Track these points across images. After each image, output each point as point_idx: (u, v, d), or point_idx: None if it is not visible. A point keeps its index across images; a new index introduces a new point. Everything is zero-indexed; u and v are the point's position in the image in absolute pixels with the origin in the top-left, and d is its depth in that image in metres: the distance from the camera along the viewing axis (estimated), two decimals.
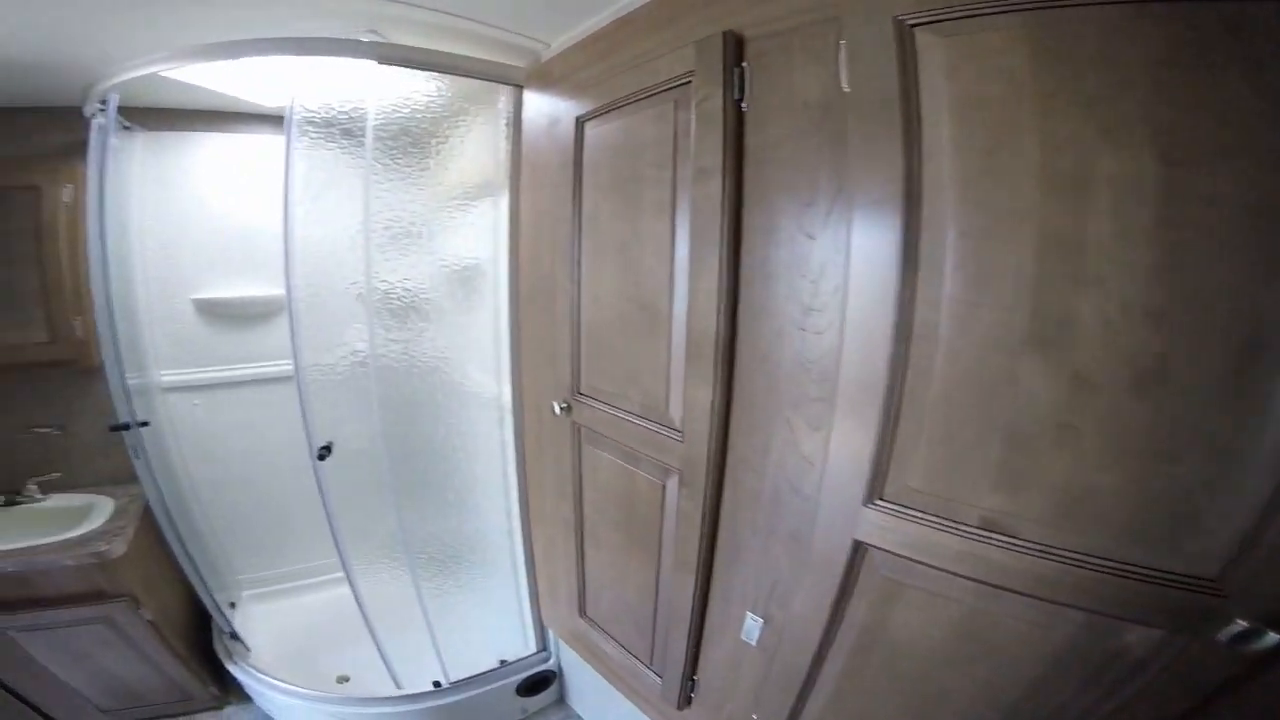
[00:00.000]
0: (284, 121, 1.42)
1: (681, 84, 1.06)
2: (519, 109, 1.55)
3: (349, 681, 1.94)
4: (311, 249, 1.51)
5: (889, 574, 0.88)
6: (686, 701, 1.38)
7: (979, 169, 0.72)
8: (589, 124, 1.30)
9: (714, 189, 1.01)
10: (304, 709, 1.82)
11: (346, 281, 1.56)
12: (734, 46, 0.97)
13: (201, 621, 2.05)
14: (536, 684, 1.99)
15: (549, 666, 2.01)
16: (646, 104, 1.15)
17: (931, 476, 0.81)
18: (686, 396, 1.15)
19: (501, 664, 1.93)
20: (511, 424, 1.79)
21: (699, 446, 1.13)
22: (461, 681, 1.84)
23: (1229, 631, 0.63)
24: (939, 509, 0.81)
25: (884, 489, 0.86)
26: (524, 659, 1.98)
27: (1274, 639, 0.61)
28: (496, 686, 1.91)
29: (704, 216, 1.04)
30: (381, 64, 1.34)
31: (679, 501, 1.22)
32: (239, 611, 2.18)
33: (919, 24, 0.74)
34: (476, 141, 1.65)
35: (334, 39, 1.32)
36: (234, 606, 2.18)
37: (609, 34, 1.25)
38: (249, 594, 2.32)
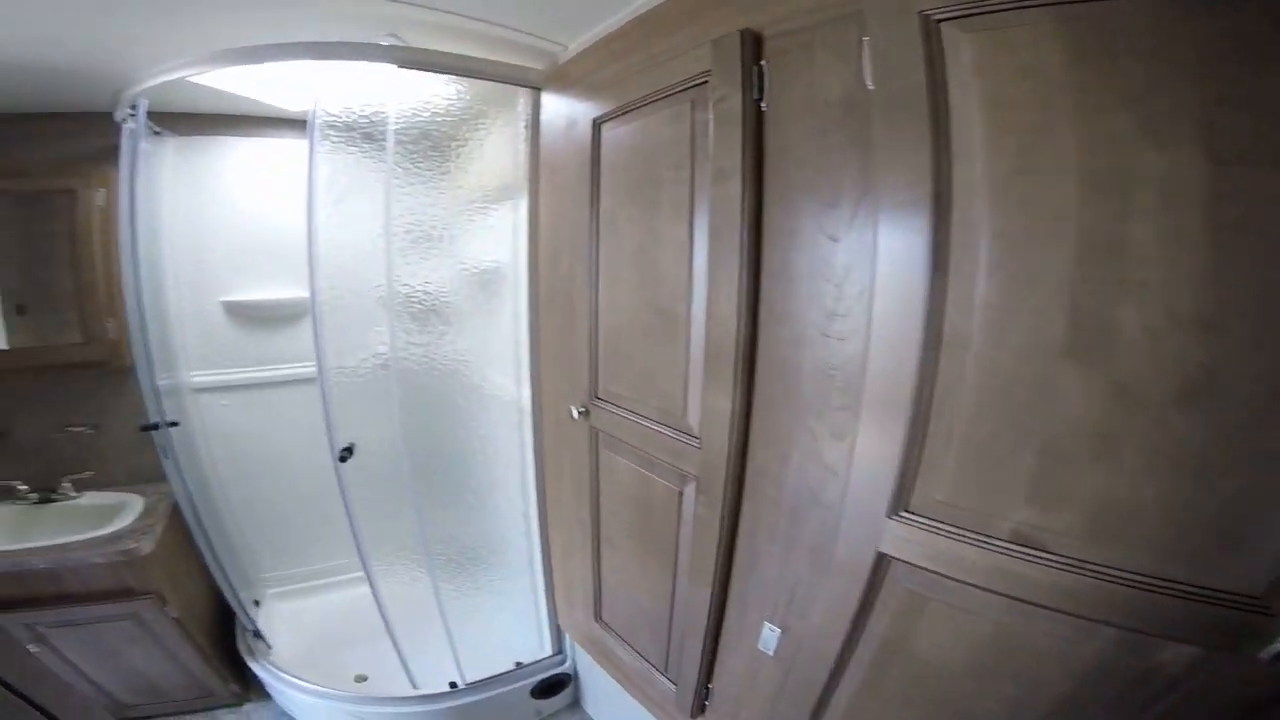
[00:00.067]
0: (307, 126, 1.43)
1: (698, 84, 1.04)
2: (537, 111, 1.55)
3: (367, 681, 1.96)
4: (335, 253, 1.52)
5: (912, 587, 0.86)
6: (700, 709, 1.36)
7: (1013, 168, 0.69)
8: (605, 126, 1.29)
9: (733, 191, 0.99)
10: (322, 707, 1.84)
11: (369, 285, 1.57)
12: (752, 45, 0.95)
13: (225, 619, 2.09)
14: (552, 686, 1.99)
15: (564, 669, 2.00)
16: (663, 105, 1.13)
17: (960, 489, 0.78)
18: (705, 403, 1.13)
19: (517, 666, 1.93)
20: (530, 427, 1.78)
21: (717, 454, 1.11)
22: (477, 683, 1.85)
23: (1272, 650, 0.60)
24: (967, 522, 0.78)
25: (909, 501, 0.84)
26: (540, 661, 1.97)
27: None
28: (512, 688, 1.91)
29: (723, 219, 1.02)
30: (401, 68, 1.34)
31: (696, 509, 1.20)
32: (262, 609, 2.22)
33: (945, 19, 0.71)
34: (496, 144, 1.65)
35: (354, 43, 1.33)
36: (258, 604, 2.21)
37: (625, 34, 1.24)
38: (273, 592, 2.35)
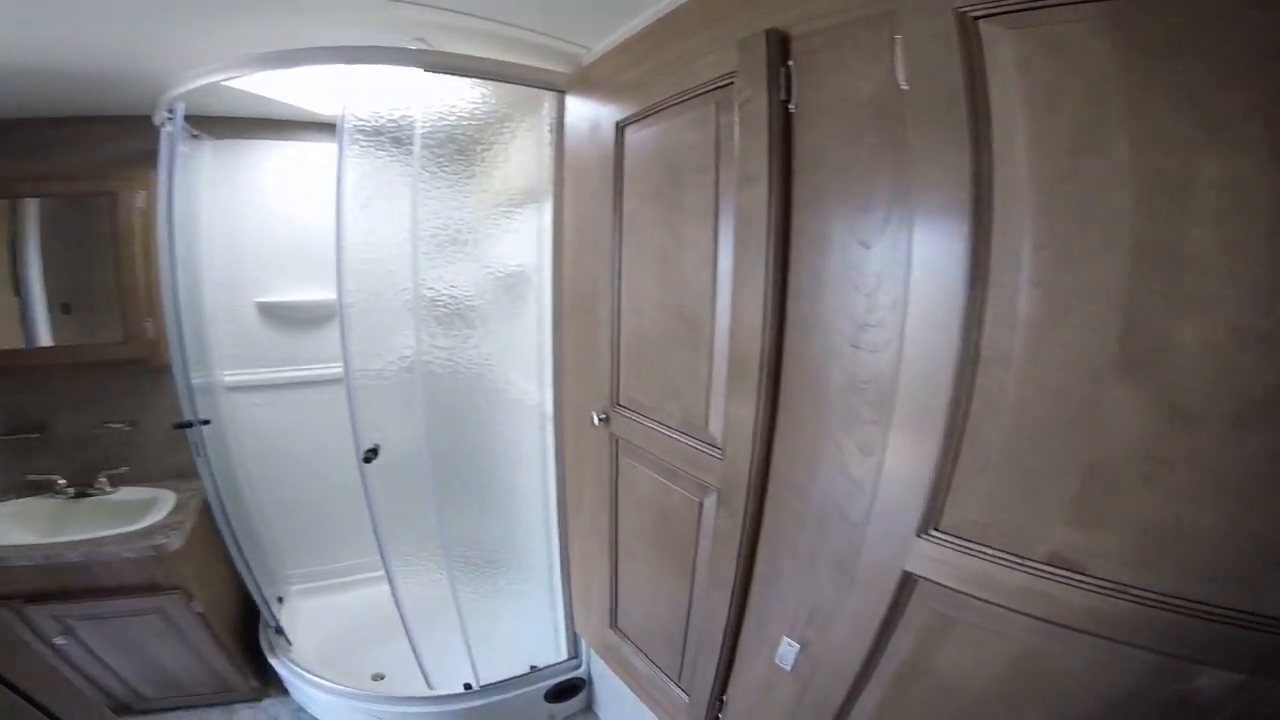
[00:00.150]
0: (336, 130, 1.45)
1: (723, 85, 1.02)
2: (561, 114, 1.54)
3: (384, 680, 1.97)
4: (362, 256, 1.54)
5: (939, 607, 0.82)
6: None
7: (1059, 172, 0.65)
8: (629, 128, 1.28)
9: (759, 195, 0.96)
10: (339, 705, 1.86)
11: (396, 288, 1.58)
12: (778, 45, 0.92)
13: (247, 615, 2.13)
14: (565, 691, 1.98)
15: (579, 674, 2.00)
16: (686, 107, 1.11)
17: (995, 509, 0.75)
18: (728, 413, 1.10)
19: (532, 669, 1.93)
20: (552, 432, 1.78)
21: (739, 465, 1.08)
22: (492, 685, 1.85)
23: None
24: (1001, 542, 0.75)
25: (940, 520, 0.80)
26: (554, 665, 1.97)
27: None
28: (526, 691, 1.91)
29: (749, 224, 0.99)
30: (428, 71, 1.35)
31: (716, 520, 1.17)
32: (285, 606, 2.25)
33: (983, 15, 0.68)
34: (521, 148, 1.65)
35: (382, 47, 1.34)
36: (281, 601, 2.25)
37: (648, 36, 1.23)
38: (296, 589, 2.39)
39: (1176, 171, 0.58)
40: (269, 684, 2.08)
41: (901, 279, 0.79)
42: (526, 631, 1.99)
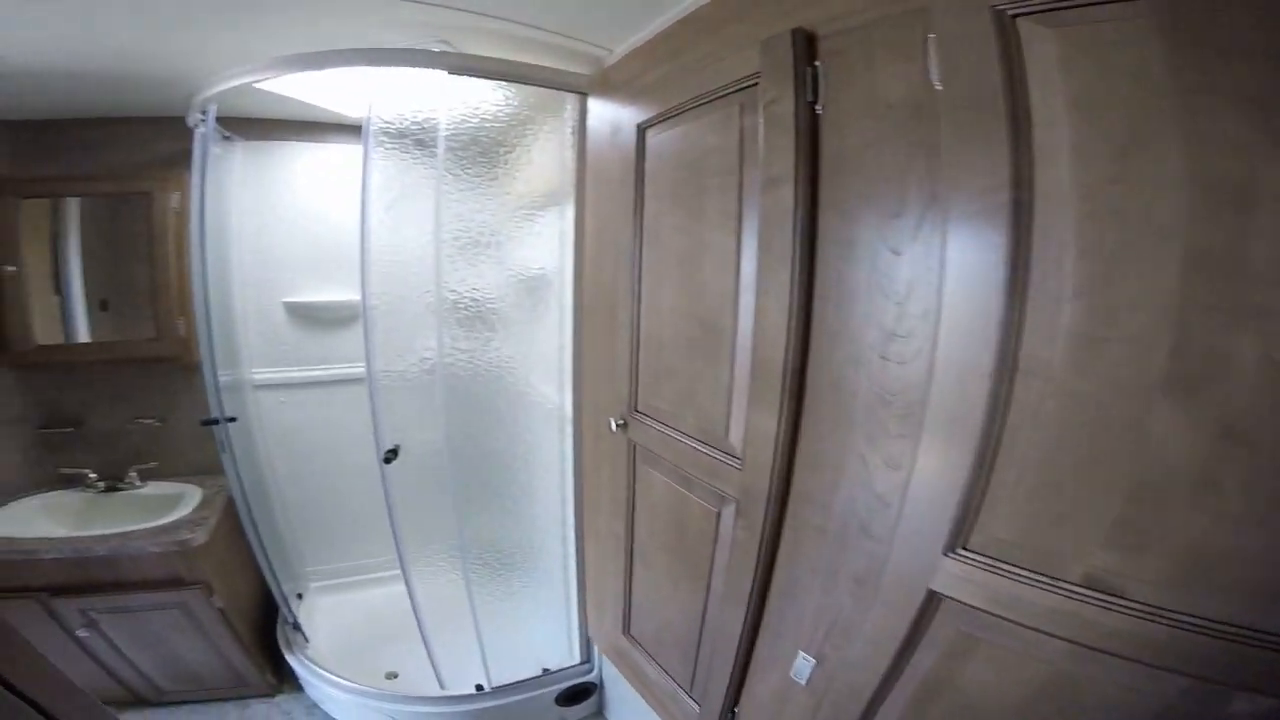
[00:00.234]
0: (361, 132, 1.46)
1: (747, 86, 1.00)
2: (583, 117, 1.53)
3: (397, 678, 1.98)
4: (387, 258, 1.55)
5: (964, 627, 0.80)
6: None
7: (1107, 176, 0.61)
8: (650, 131, 1.27)
9: (785, 199, 0.93)
10: (352, 703, 1.87)
11: (418, 290, 1.59)
12: (804, 45, 0.90)
13: (266, 611, 2.15)
14: (577, 694, 1.97)
15: (590, 678, 1.98)
16: (709, 108, 1.10)
17: (1028, 528, 0.72)
18: (749, 423, 1.07)
19: (544, 672, 1.92)
20: (571, 436, 1.77)
21: (759, 477, 1.05)
22: (504, 687, 1.84)
23: None
24: (1033, 563, 0.72)
25: (969, 538, 0.77)
26: (566, 669, 1.95)
27: None
28: (537, 694, 1.90)
29: (773, 229, 0.97)
30: (451, 74, 1.36)
31: (734, 531, 1.15)
32: (304, 602, 2.28)
33: (1021, 14, 0.65)
34: (543, 150, 1.65)
35: (407, 49, 1.35)
36: (301, 598, 2.27)
37: (669, 37, 1.21)
38: (316, 586, 2.41)
39: (1234, 177, 0.54)
40: (284, 680, 2.09)
41: (934, 287, 0.76)
42: (539, 634, 1.98)
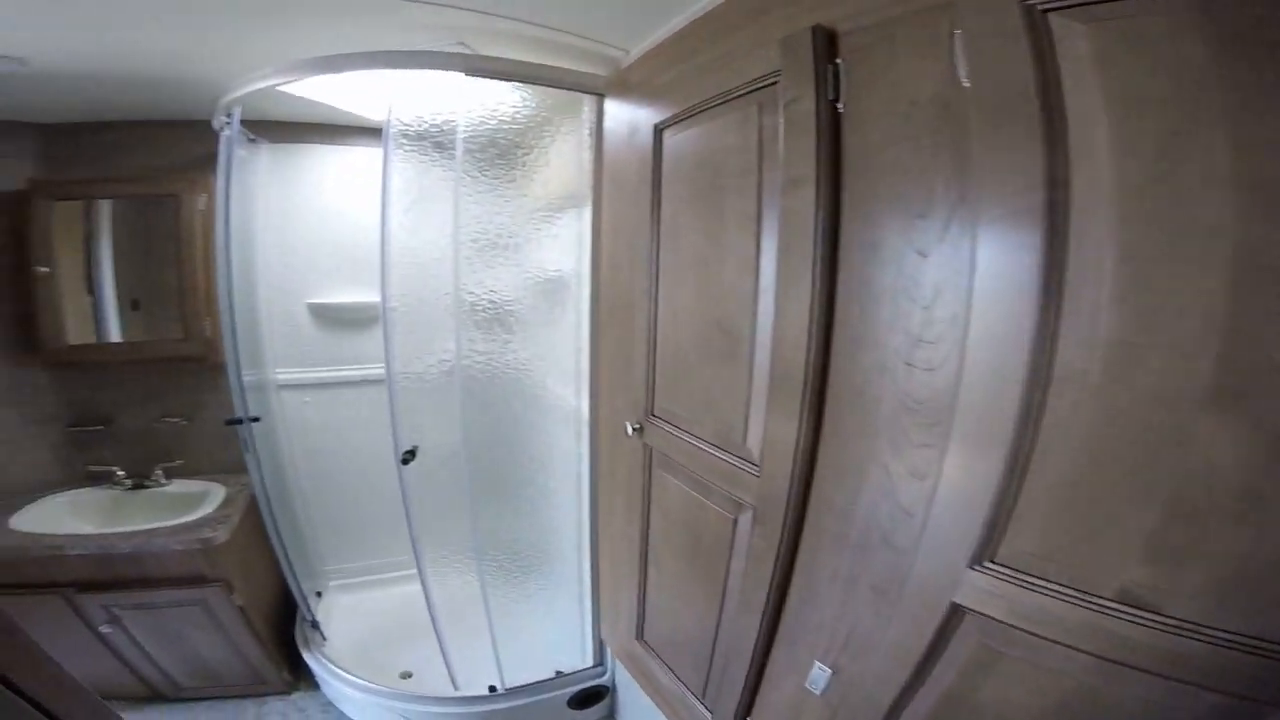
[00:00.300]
0: (381, 134, 1.47)
1: (766, 85, 0.98)
2: (601, 118, 1.52)
3: (411, 677, 1.99)
4: (406, 260, 1.56)
5: (988, 641, 0.77)
6: None
7: (1149, 175, 0.58)
8: (667, 131, 1.25)
9: (806, 200, 0.91)
10: (367, 702, 1.88)
11: (437, 292, 1.59)
12: (825, 42, 0.88)
13: (284, 609, 2.17)
14: (589, 698, 1.96)
15: (603, 682, 1.97)
16: (727, 108, 1.08)
17: (1059, 541, 0.69)
18: (767, 430, 1.05)
19: (557, 674, 1.92)
20: (587, 439, 1.76)
21: (778, 484, 1.03)
22: (517, 688, 1.84)
23: None
24: (1064, 577, 0.69)
25: (996, 551, 0.74)
26: (579, 672, 1.95)
27: None
28: (550, 696, 1.89)
29: (794, 231, 0.94)
30: (469, 75, 1.36)
31: (751, 539, 1.13)
32: (322, 601, 2.30)
33: (1052, 9, 0.62)
34: (561, 152, 1.64)
35: (425, 52, 1.35)
36: (320, 596, 2.30)
37: (686, 36, 1.20)
38: (334, 584, 2.44)
39: None
40: (301, 678, 2.11)
41: (963, 291, 0.73)
42: (553, 636, 1.97)
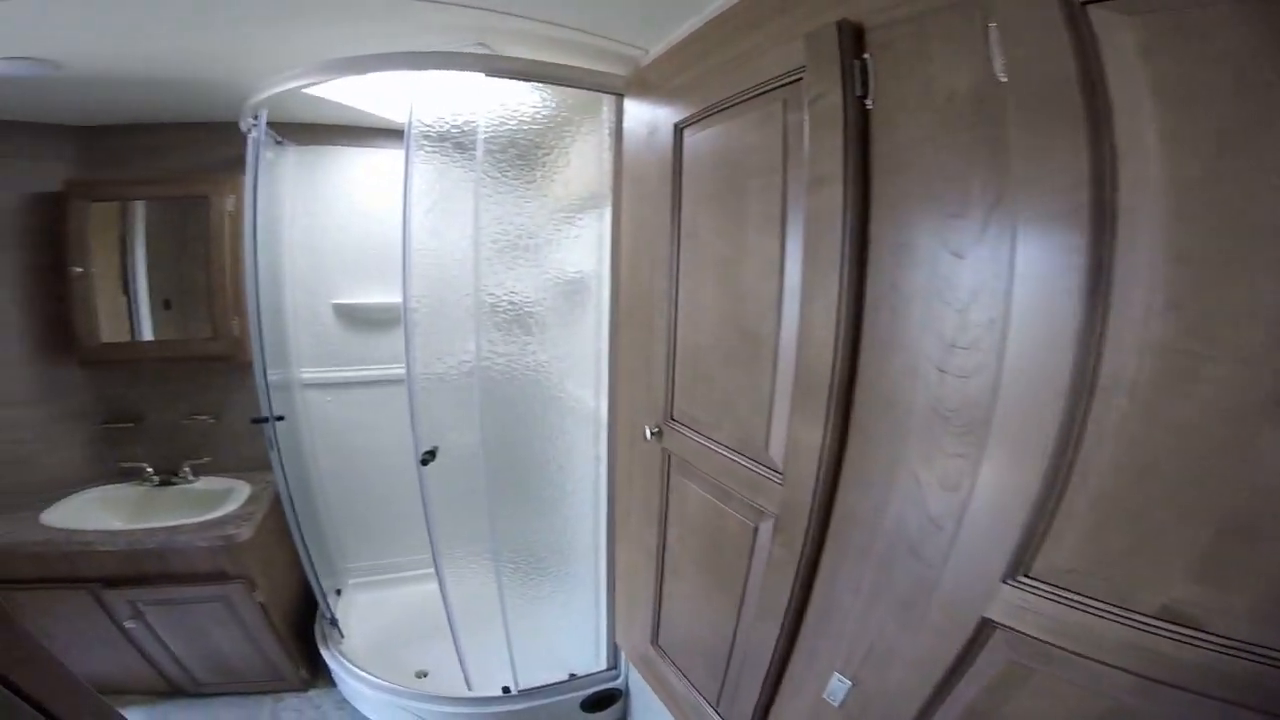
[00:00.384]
0: (403, 136, 1.47)
1: (790, 82, 0.95)
2: (620, 118, 1.51)
3: (426, 677, 2.00)
4: (428, 260, 1.56)
5: (1018, 658, 0.74)
6: None
7: (1204, 171, 0.54)
8: (687, 130, 1.23)
9: (833, 200, 0.88)
10: (382, 701, 1.89)
11: (458, 293, 1.60)
12: (851, 37, 0.85)
13: (304, 606, 2.19)
14: (602, 701, 1.95)
15: (616, 685, 1.96)
16: (749, 106, 1.05)
17: (1100, 556, 0.65)
18: (791, 436, 1.02)
19: (571, 677, 1.91)
20: (606, 442, 1.74)
21: (801, 492, 1.00)
22: (530, 690, 1.84)
23: None
24: (1103, 593, 0.65)
25: (1032, 565, 0.71)
26: (593, 675, 1.94)
27: None
28: (563, 699, 1.89)
29: (820, 232, 0.91)
30: (489, 76, 1.36)
31: (772, 548, 1.10)
32: (341, 599, 2.32)
33: (1092, 0, 0.59)
34: (581, 152, 1.64)
35: (446, 53, 1.35)
36: (339, 594, 2.32)
37: (706, 34, 1.18)
38: (354, 582, 2.46)
39: None
40: (318, 675, 2.13)
41: (1001, 294, 0.70)
42: (568, 639, 1.97)
